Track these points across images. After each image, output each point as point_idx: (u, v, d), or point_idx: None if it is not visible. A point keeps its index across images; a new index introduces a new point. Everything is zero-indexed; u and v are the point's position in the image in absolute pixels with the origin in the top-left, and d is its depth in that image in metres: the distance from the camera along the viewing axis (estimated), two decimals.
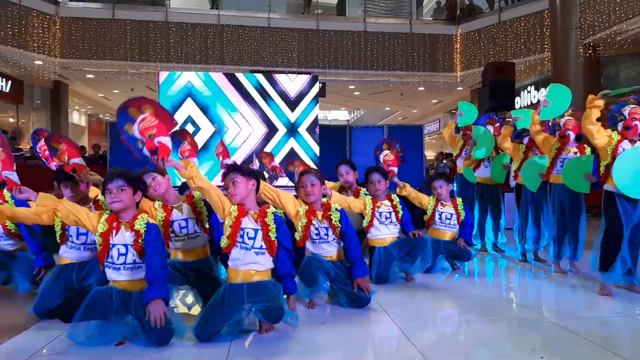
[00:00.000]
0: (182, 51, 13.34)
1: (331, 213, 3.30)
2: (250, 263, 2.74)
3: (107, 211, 2.78)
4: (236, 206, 2.79)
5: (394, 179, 4.48)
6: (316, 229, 3.31)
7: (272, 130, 8.79)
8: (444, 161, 12.32)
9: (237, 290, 2.69)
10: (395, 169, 4.62)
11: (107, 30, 13.12)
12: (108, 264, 2.64)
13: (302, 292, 3.29)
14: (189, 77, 8.72)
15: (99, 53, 13.07)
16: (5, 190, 3.31)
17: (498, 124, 5.67)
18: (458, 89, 15.58)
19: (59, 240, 3.13)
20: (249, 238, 2.74)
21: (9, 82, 13.45)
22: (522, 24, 12.89)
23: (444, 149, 17.70)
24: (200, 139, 8.23)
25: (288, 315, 2.76)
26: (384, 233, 4.07)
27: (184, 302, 3.42)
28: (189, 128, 8.34)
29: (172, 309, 2.76)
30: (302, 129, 8.83)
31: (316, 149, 8.82)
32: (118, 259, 2.62)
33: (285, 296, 2.88)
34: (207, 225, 3.26)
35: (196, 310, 3.22)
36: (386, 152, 4.75)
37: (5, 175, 2.95)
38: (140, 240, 2.64)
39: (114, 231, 2.64)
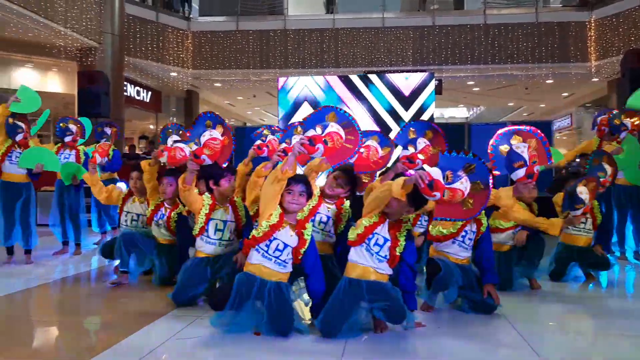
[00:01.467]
0: (299, 57, 13.84)
1: (481, 218, 3.20)
2: (370, 265, 2.75)
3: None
4: (381, 214, 2.78)
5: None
6: (465, 232, 3.21)
7: (385, 130, 8.75)
8: (577, 160, 11.26)
9: (355, 286, 2.71)
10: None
11: (232, 41, 14.07)
12: (261, 250, 2.76)
13: (422, 294, 3.24)
14: (306, 82, 9.01)
15: (224, 63, 14.06)
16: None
17: (637, 118, 5.05)
18: (593, 80, 14.19)
19: (195, 233, 3.38)
20: (376, 244, 2.74)
21: (149, 92, 15.02)
22: None
23: (577, 146, 16.20)
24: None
25: (409, 318, 2.73)
26: (507, 240, 3.85)
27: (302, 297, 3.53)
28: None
29: (293, 303, 2.86)
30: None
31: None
32: (274, 252, 2.76)
33: None
34: (339, 231, 3.34)
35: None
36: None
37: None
38: (302, 250, 2.79)
39: (281, 227, 2.78)
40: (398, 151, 3.73)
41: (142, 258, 3.96)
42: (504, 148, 3.29)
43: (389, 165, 3.69)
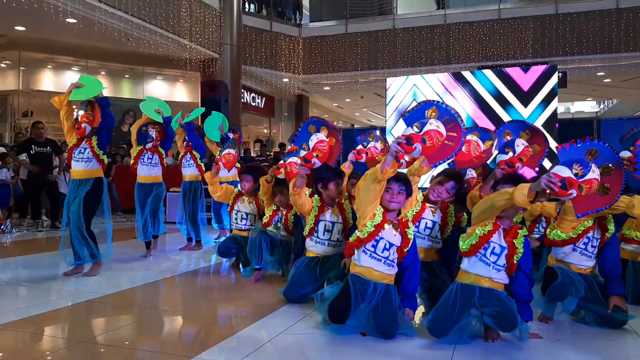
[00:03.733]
0: (408, 55, 13.63)
1: (607, 223, 2.95)
2: (486, 275, 2.63)
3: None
4: (494, 221, 2.66)
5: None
6: (588, 238, 2.96)
7: None
8: None
9: (468, 290, 2.61)
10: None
11: (340, 44, 14.29)
12: (368, 251, 2.77)
13: (538, 303, 3.02)
14: (415, 81, 8.85)
15: (333, 67, 14.32)
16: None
17: None
18: None
19: (306, 234, 3.52)
20: (493, 253, 2.61)
21: (263, 98, 15.80)
22: None
23: None
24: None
25: (520, 327, 2.56)
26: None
27: None
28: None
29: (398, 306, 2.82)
30: (537, 125, 8.08)
31: (555, 146, 7.97)
32: (383, 252, 2.77)
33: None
34: (445, 236, 3.26)
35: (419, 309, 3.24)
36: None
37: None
38: (406, 249, 2.78)
39: (385, 225, 2.79)
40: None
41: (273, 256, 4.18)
42: None
43: (489, 160, 3.50)
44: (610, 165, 2.51)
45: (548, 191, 2.35)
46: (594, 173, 2.43)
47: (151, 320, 3.16)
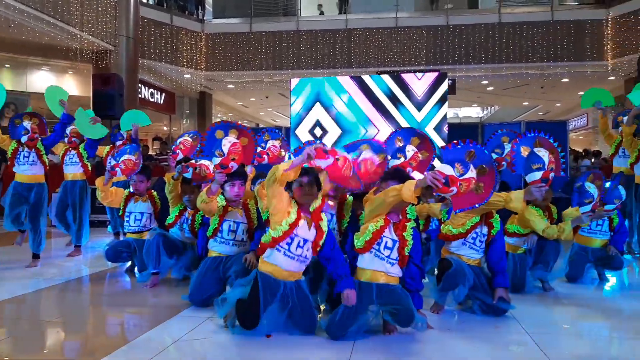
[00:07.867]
0: (312, 57, 13.83)
1: (493, 221, 3.21)
2: (381, 270, 2.73)
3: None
4: (384, 216, 2.76)
5: None
6: (476, 233, 3.21)
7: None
8: (592, 160, 11.08)
9: (366, 288, 2.71)
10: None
11: (244, 42, 14.12)
12: (282, 249, 2.73)
13: (432, 293, 3.23)
14: (318, 83, 8.99)
15: (237, 64, 14.11)
16: None
17: None
18: (610, 78, 13.94)
19: (209, 234, 3.43)
20: (386, 247, 2.72)
21: (163, 94, 15.13)
22: None
23: (594, 146, 16.00)
24: (327, 142, 8.43)
25: (418, 320, 2.70)
26: (521, 243, 3.84)
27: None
28: (317, 132, 8.61)
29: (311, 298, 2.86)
30: (429, 128, 8.59)
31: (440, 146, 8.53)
32: (296, 249, 2.74)
33: None
34: (342, 228, 3.33)
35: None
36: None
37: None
38: (320, 242, 2.77)
39: (300, 222, 2.74)
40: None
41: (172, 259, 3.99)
42: (525, 149, 3.32)
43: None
44: (484, 166, 2.77)
45: (433, 187, 2.51)
46: (472, 172, 2.67)
47: (33, 333, 2.88)
